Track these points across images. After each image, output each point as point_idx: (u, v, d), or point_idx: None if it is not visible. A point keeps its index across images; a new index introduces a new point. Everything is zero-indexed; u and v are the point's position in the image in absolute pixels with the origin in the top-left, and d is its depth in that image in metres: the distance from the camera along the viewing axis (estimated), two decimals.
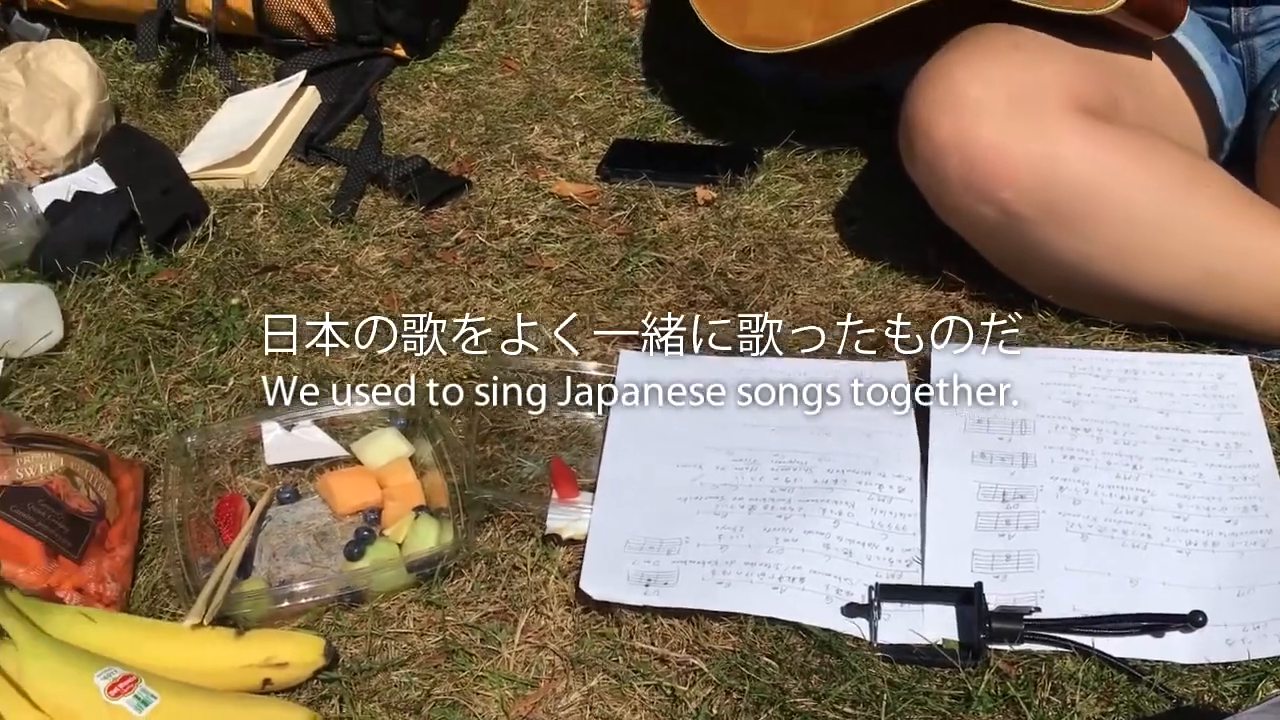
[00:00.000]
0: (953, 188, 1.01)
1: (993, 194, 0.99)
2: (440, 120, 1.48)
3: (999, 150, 0.98)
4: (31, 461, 0.89)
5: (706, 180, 1.31)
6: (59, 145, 1.35)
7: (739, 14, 1.25)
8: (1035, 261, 1.04)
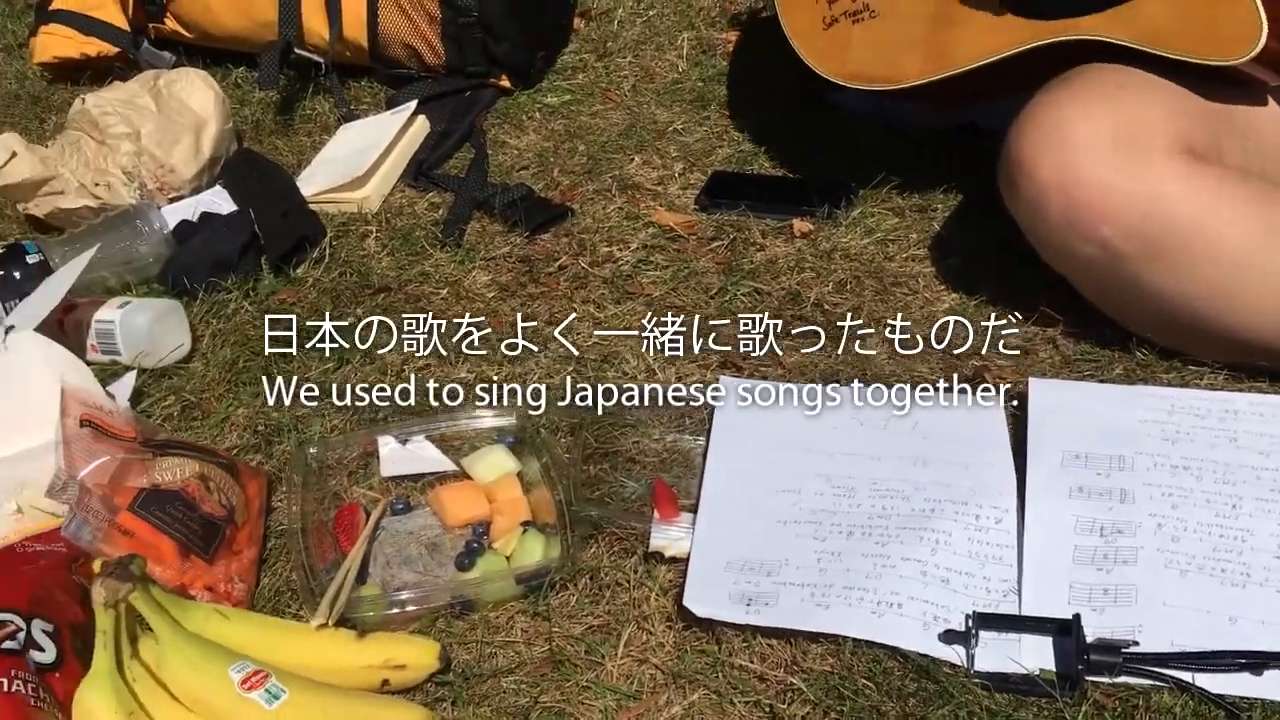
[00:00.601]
0: (1054, 225, 1.03)
1: (1094, 232, 1.01)
2: (543, 149, 1.53)
3: (1102, 188, 1.00)
4: (169, 466, 0.94)
5: (803, 213, 1.34)
6: (186, 168, 1.42)
7: (840, 49, 1.27)
8: (1134, 299, 1.05)
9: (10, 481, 0.95)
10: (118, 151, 1.38)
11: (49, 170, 1.36)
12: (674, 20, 1.76)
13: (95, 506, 0.90)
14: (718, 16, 1.76)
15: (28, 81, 1.71)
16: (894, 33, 1.24)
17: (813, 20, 1.28)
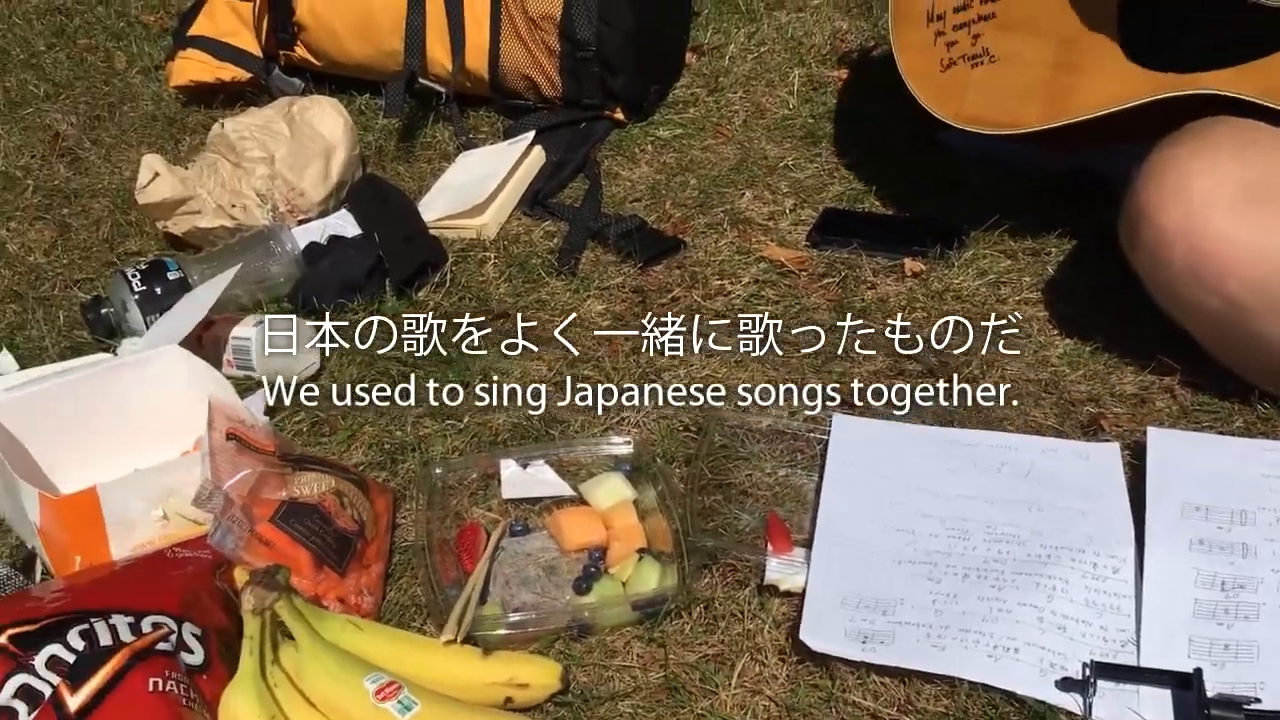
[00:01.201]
0: (1177, 276, 1.03)
1: (1218, 284, 1.01)
2: (655, 182, 1.56)
3: (1227, 241, 1.00)
4: (307, 481, 0.98)
5: (915, 252, 1.35)
6: (315, 191, 1.48)
7: (958, 92, 1.28)
8: (1257, 353, 1.05)
9: (158, 489, 1.00)
10: (253, 174, 1.45)
11: (188, 190, 1.43)
12: (785, 57, 1.79)
13: (238, 516, 0.94)
14: (828, 54, 1.78)
15: (163, 103, 1.79)
16: (1013, 78, 1.25)
17: (930, 62, 1.30)
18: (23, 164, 1.67)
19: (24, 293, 1.41)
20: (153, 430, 1.12)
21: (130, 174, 1.62)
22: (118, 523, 0.98)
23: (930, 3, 1.30)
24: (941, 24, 1.29)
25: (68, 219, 1.55)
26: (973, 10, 1.27)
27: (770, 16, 1.88)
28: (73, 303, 1.38)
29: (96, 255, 1.47)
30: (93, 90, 1.84)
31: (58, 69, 1.89)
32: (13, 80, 1.87)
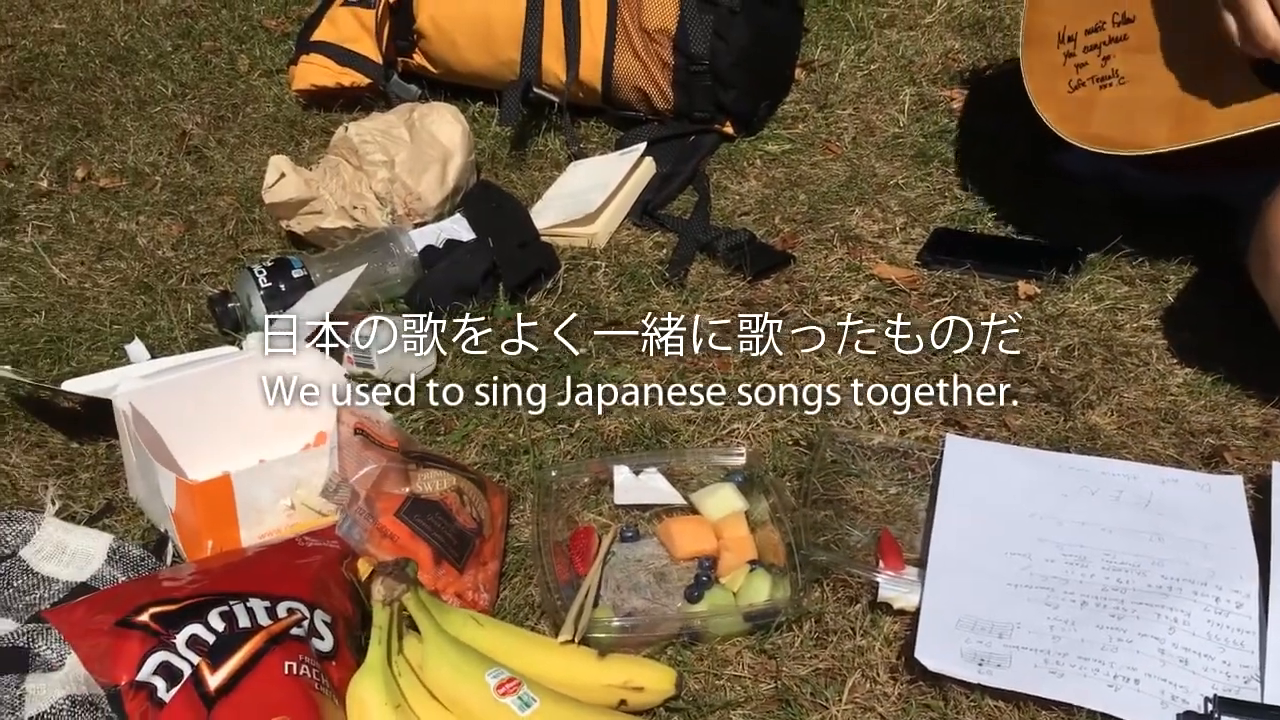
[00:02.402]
0: None
1: None
2: (764, 196, 1.57)
3: None
4: (430, 478, 1.01)
5: (1029, 275, 1.34)
6: (432, 196, 1.51)
7: (1084, 113, 1.27)
8: None
9: (287, 479, 1.04)
10: (373, 177, 1.48)
11: (311, 191, 1.47)
12: (895, 75, 1.78)
13: (363, 509, 0.97)
14: (940, 73, 1.78)
15: (284, 105, 1.85)
16: (1142, 99, 1.23)
17: (1058, 83, 1.29)
18: (151, 160, 1.73)
19: (153, 285, 1.46)
20: (276, 422, 1.16)
21: (253, 173, 1.67)
22: (248, 510, 1.01)
23: (1063, 24, 1.29)
24: (1072, 45, 1.28)
25: (194, 215, 1.60)
26: (1105, 32, 1.26)
27: (881, 34, 1.88)
28: (199, 296, 1.43)
29: (221, 251, 1.52)
30: (217, 91, 1.90)
31: (184, 70, 1.96)
32: (141, 79, 1.94)
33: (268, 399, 1.16)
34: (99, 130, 1.82)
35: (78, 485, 1.17)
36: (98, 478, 1.18)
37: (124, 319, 1.41)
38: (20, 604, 0.98)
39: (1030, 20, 1.32)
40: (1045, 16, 1.31)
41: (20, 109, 1.89)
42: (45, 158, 1.75)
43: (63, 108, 1.88)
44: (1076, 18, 1.29)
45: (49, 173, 1.72)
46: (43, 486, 1.15)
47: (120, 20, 2.12)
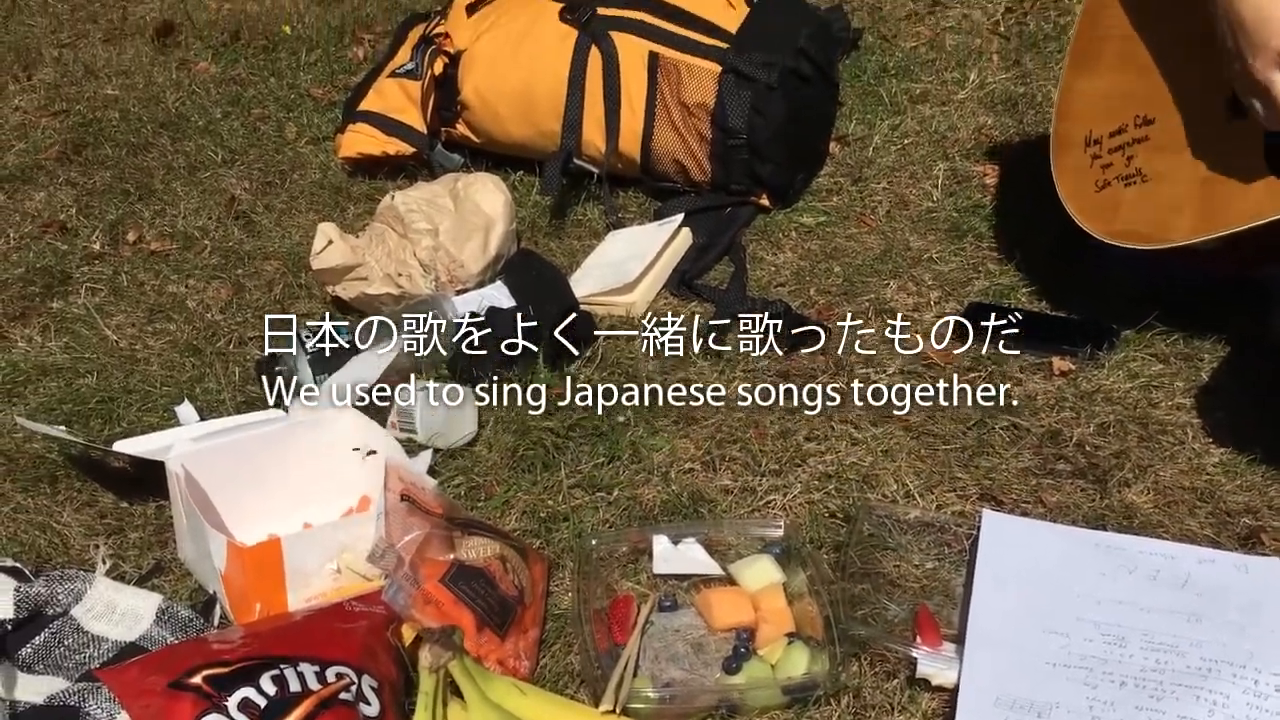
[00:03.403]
0: None
1: None
2: (800, 268, 1.59)
3: None
4: (474, 545, 1.03)
5: (1064, 351, 1.36)
6: (475, 263, 1.55)
7: (1110, 210, 1.31)
8: None
9: (334, 544, 1.06)
10: (418, 245, 1.52)
11: (358, 258, 1.51)
12: (929, 150, 1.81)
13: (408, 574, 0.99)
14: (973, 149, 1.81)
15: (330, 172, 1.90)
16: (1165, 195, 1.27)
17: (1085, 183, 1.34)
18: (200, 224, 1.78)
19: (202, 347, 1.50)
20: (322, 485, 1.19)
21: (299, 238, 1.71)
22: (296, 574, 1.03)
23: (1089, 129, 1.34)
24: (1098, 147, 1.33)
25: (242, 279, 1.64)
26: (1128, 134, 1.31)
27: (914, 109, 1.91)
28: (247, 359, 1.46)
29: (269, 314, 1.55)
30: (265, 158, 1.95)
31: (233, 136, 2.01)
32: (192, 145, 2.00)
33: (315, 462, 1.18)
34: (150, 194, 1.87)
35: (127, 545, 1.19)
36: (147, 538, 1.20)
37: (173, 380, 1.44)
38: (71, 662, 1.00)
39: (1059, 128, 1.38)
40: (1072, 124, 1.36)
41: (74, 172, 1.95)
42: (98, 221, 1.80)
43: (115, 172, 1.93)
44: (1101, 122, 1.33)
45: (101, 235, 1.76)
46: (94, 545, 1.17)
47: (172, 87, 2.18)
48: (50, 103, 2.18)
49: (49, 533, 1.21)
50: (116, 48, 2.37)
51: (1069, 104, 1.38)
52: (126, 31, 2.44)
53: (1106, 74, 1.35)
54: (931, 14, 2.21)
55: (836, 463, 1.24)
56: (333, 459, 1.19)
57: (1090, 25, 1.38)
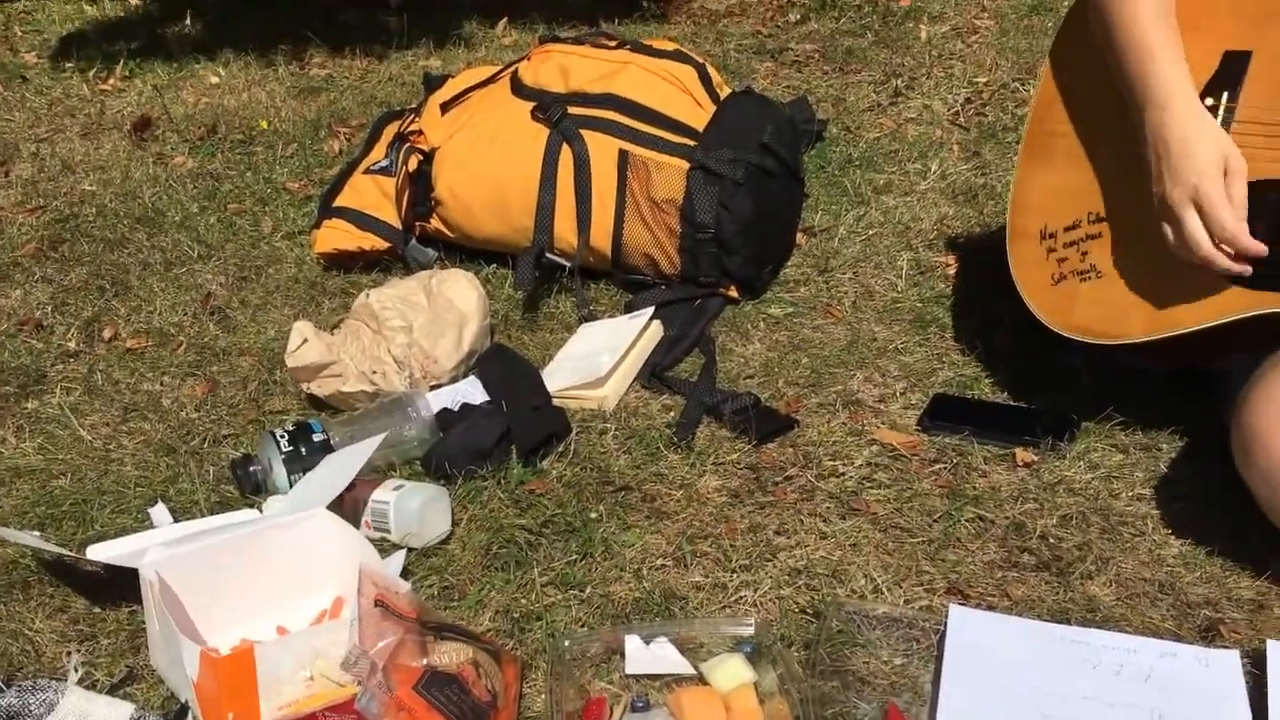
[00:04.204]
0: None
1: None
2: (768, 359, 1.62)
3: None
4: (447, 650, 1.04)
5: (1027, 442, 1.39)
6: (448, 359, 1.57)
7: (1067, 304, 1.35)
8: None
9: (307, 651, 1.06)
10: (393, 342, 1.54)
11: (332, 355, 1.53)
12: (893, 240, 1.86)
13: (381, 682, 1.00)
14: (935, 239, 1.85)
15: (305, 266, 1.92)
16: (1118, 292, 1.31)
17: (1042, 275, 1.37)
18: (176, 320, 1.80)
19: (176, 446, 1.51)
20: (295, 588, 1.19)
21: (275, 334, 1.73)
22: (269, 682, 1.04)
23: (1044, 223, 1.38)
24: (1053, 241, 1.37)
25: (217, 375, 1.65)
26: (1081, 229, 1.35)
27: (878, 200, 1.96)
28: (221, 458, 1.47)
29: (243, 412, 1.57)
30: (241, 252, 1.97)
31: (209, 231, 2.04)
32: (168, 240, 2.02)
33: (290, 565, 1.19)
34: (126, 290, 1.89)
35: (99, 651, 1.19)
36: (119, 644, 1.20)
37: (148, 481, 1.45)
38: None
39: (1014, 222, 1.42)
40: (1027, 217, 1.41)
41: (50, 269, 1.96)
42: (74, 318, 1.82)
43: (92, 268, 1.95)
44: (1055, 216, 1.37)
45: (77, 333, 1.78)
46: (66, 653, 1.17)
47: (149, 182, 2.22)
48: (27, 199, 2.21)
49: (20, 640, 1.21)
50: (94, 142, 2.41)
51: (1024, 197, 1.43)
52: (104, 126, 2.48)
53: (1059, 170, 1.40)
54: (894, 105, 2.28)
55: (806, 557, 1.26)
56: (307, 561, 1.19)
57: (1040, 121, 1.43)
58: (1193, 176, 1.17)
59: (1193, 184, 1.17)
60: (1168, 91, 1.21)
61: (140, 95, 2.60)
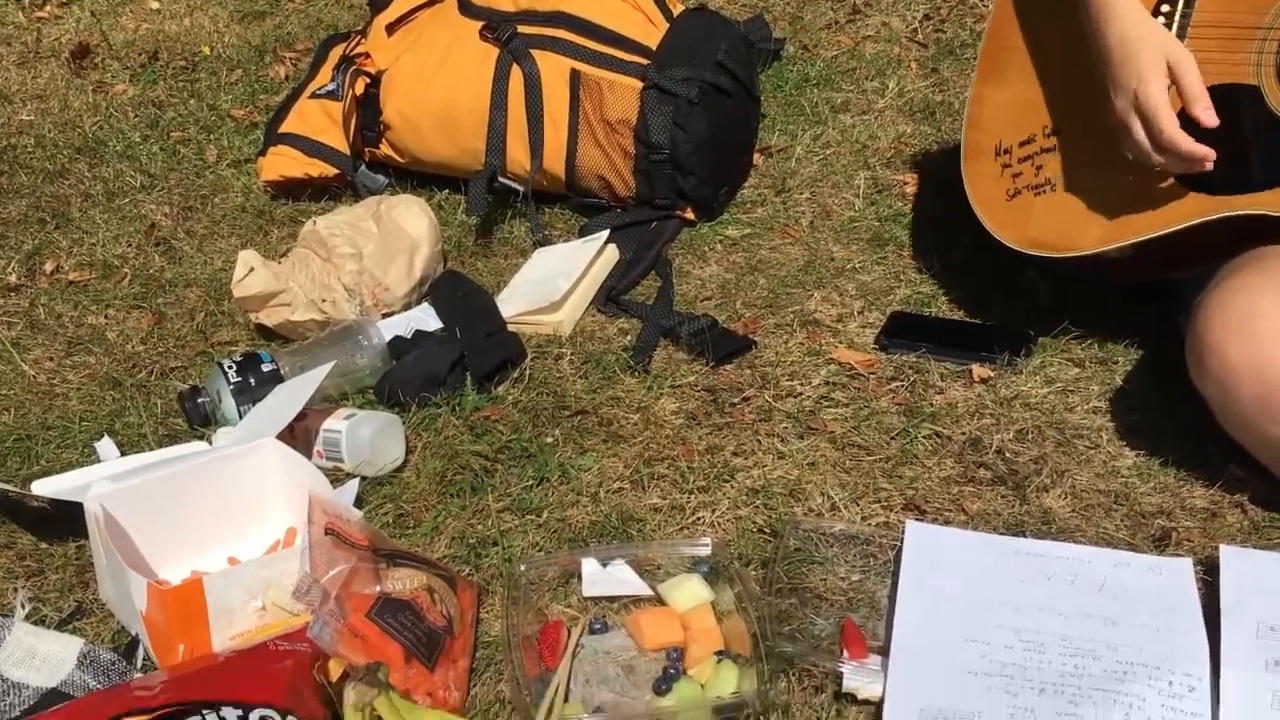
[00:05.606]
0: (1245, 408, 1.06)
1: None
2: (725, 281, 1.60)
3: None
4: (400, 576, 1.02)
5: (983, 358, 1.38)
6: (400, 286, 1.54)
7: (1022, 219, 1.34)
8: None
9: (258, 581, 1.05)
10: (342, 270, 1.51)
11: (280, 284, 1.50)
12: (850, 159, 1.84)
13: (334, 610, 0.98)
14: (893, 157, 1.83)
15: (252, 195, 1.88)
16: (1072, 204, 1.30)
17: (997, 191, 1.36)
18: (120, 252, 1.75)
19: (122, 380, 1.47)
20: (246, 519, 1.18)
21: (222, 264, 1.69)
22: (219, 612, 1.02)
23: (998, 139, 1.37)
24: (1008, 157, 1.35)
25: (163, 307, 1.62)
26: (1036, 144, 1.33)
27: (835, 119, 1.94)
28: (169, 391, 1.44)
29: (191, 344, 1.54)
30: (185, 182, 1.92)
31: (152, 160, 1.99)
32: (110, 170, 1.97)
33: (238, 496, 1.17)
34: (68, 222, 1.83)
35: (47, 587, 1.17)
36: (67, 579, 1.18)
37: (93, 415, 1.42)
38: None
39: (969, 137, 1.40)
40: (982, 133, 1.39)
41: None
42: (14, 251, 1.77)
43: (31, 200, 1.90)
44: (1010, 132, 1.36)
45: (18, 266, 1.73)
46: (12, 589, 1.15)
47: (89, 111, 2.15)
48: None
49: None
50: (30, 71, 2.33)
51: (979, 114, 1.41)
52: (41, 54, 2.39)
53: (1014, 85, 1.38)
54: (851, 22, 2.24)
55: (763, 477, 1.25)
56: (257, 492, 1.17)
57: (996, 37, 1.41)
58: (1133, 81, 1.15)
59: (1132, 89, 1.16)
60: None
61: (78, 22, 2.51)
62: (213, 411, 1.37)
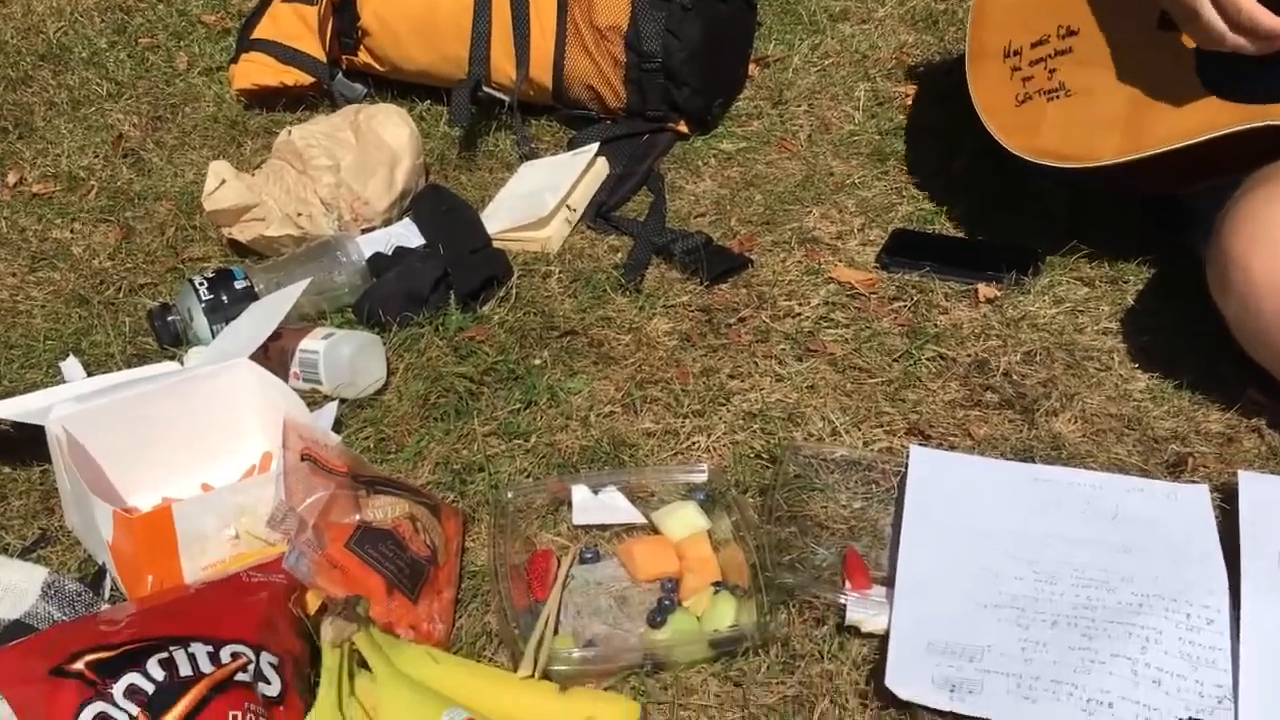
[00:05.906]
0: (1267, 324, 1.00)
1: None
2: (720, 197, 1.54)
3: None
4: (381, 505, 0.97)
5: (989, 278, 1.32)
6: (380, 200, 1.47)
7: (1032, 126, 1.26)
8: None
9: (231, 508, 0.99)
10: (318, 182, 1.44)
11: (254, 198, 1.42)
12: (849, 70, 1.76)
13: (311, 540, 0.93)
14: (894, 68, 1.76)
15: (225, 105, 1.79)
16: (1089, 111, 1.22)
17: (1005, 96, 1.28)
18: (85, 164, 1.67)
19: (89, 297, 1.41)
20: (219, 443, 1.12)
21: (193, 177, 1.62)
22: (190, 541, 0.97)
23: (1008, 39, 1.28)
24: (1018, 59, 1.27)
25: (131, 221, 1.54)
26: (1050, 45, 1.25)
27: (834, 28, 1.85)
28: (138, 309, 1.38)
29: (161, 260, 1.47)
30: (154, 90, 1.83)
31: (120, 68, 1.89)
32: (75, 78, 1.87)
33: (210, 419, 1.11)
34: (31, 132, 1.75)
35: (10, 513, 1.12)
36: (31, 505, 1.13)
37: (58, 334, 1.35)
38: None
39: (975, 36, 1.31)
40: (990, 32, 1.30)
41: None
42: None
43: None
44: (1021, 31, 1.28)
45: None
46: None
47: (52, 15, 2.05)
48: None
49: None
50: None
51: (986, 11, 1.33)
52: None
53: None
54: None
55: (761, 401, 1.20)
56: (231, 415, 1.12)
57: None
58: None
59: None
60: None
61: None
62: (184, 330, 1.30)
